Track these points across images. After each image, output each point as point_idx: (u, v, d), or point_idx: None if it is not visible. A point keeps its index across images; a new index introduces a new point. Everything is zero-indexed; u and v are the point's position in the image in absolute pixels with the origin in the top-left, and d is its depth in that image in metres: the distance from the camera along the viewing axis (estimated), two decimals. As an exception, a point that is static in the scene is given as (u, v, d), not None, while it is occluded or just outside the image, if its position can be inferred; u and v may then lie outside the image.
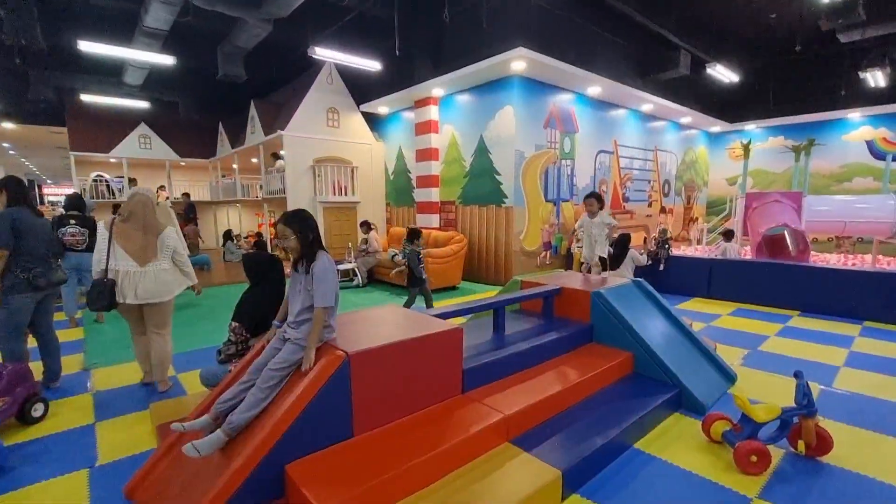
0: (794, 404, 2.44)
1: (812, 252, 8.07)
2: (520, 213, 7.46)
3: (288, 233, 1.99)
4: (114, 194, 12.02)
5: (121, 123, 11.88)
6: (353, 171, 9.57)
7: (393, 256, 7.49)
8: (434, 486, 1.94)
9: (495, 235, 7.65)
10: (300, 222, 2.03)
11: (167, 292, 3.15)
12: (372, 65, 7.49)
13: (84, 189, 11.44)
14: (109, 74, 9.59)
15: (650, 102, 9.18)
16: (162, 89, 9.96)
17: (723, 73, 8.78)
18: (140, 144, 12.07)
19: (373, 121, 10.28)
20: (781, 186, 11.74)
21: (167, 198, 12.36)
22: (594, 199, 4.22)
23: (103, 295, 2.91)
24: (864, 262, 8.91)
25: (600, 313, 3.42)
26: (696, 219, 12.83)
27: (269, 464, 1.76)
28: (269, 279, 2.67)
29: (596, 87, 7.90)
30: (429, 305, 5.03)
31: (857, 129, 10.77)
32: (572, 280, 3.95)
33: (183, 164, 13.33)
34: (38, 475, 2.25)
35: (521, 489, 1.92)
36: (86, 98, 9.39)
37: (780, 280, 5.94)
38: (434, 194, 8.70)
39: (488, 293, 7.00)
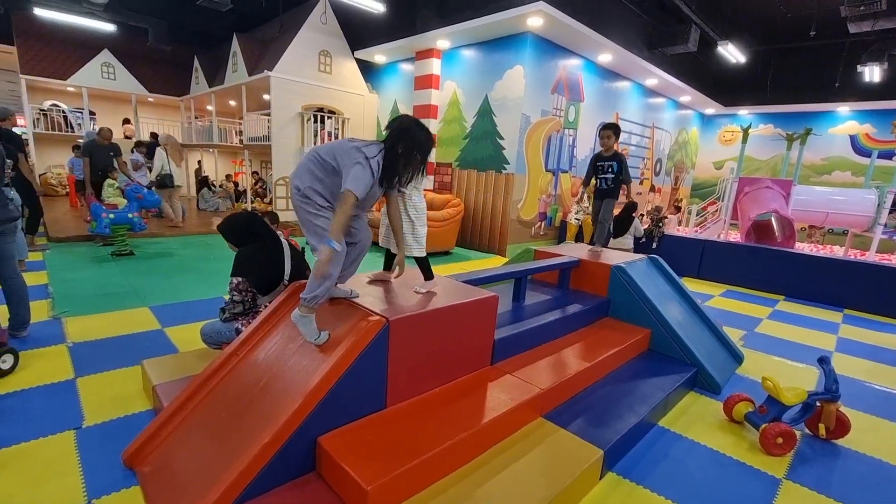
0: (816, 389, 2.45)
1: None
2: (520, 181, 7.23)
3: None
4: (71, 127, 10.87)
5: (81, 47, 10.61)
6: (343, 123, 8.99)
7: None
8: (475, 463, 1.81)
9: (493, 202, 7.42)
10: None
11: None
12: (375, 5, 6.87)
13: (37, 119, 10.31)
14: (68, -13, 8.44)
15: (655, 77, 8.95)
16: (129, 12, 8.86)
17: (731, 53, 8.62)
18: (103, 73, 10.86)
19: (367, 70, 9.60)
20: (765, 174, 11.96)
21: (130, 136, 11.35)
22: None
23: (168, 179, 6.18)
24: (832, 252, 9.30)
25: (620, 288, 3.33)
26: (681, 199, 13.00)
27: (301, 436, 1.57)
28: (255, 236, 2.37)
29: (607, 54, 7.58)
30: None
31: (844, 123, 10.97)
32: (583, 252, 3.83)
33: (151, 99, 12.20)
34: (13, 436, 1.96)
35: (566, 469, 1.81)
36: (40, 13, 8.25)
37: (767, 264, 6.07)
38: (430, 154, 8.30)
39: (486, 261, 6.87)
